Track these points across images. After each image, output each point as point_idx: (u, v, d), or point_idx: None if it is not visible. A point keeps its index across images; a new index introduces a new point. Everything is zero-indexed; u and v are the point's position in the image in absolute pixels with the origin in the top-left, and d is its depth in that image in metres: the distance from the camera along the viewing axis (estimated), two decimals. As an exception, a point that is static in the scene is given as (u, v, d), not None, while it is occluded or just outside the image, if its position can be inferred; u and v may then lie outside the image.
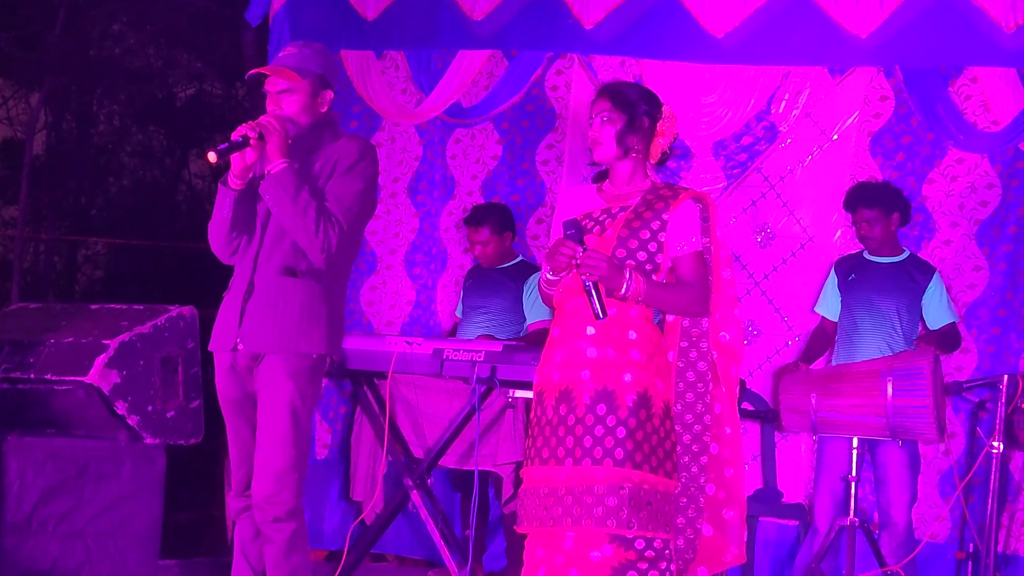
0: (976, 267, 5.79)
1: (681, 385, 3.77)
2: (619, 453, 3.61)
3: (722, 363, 3.79)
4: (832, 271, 5.65)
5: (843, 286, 5.57)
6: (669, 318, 3.82)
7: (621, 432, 3.62)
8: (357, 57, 6.69)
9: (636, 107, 3.81)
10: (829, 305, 5.64)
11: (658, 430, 3.66)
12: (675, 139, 3.90)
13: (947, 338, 5.43)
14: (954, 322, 5.49)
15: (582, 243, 3.69)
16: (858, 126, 5.99)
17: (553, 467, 3.70)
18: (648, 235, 3.75)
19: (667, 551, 3.65)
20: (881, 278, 5.49)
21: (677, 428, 3.74)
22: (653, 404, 3.66)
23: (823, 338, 5.68)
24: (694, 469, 3.75)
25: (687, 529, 3.73)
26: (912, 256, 5.57)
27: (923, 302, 5.46)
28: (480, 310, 6.09)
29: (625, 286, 3.66)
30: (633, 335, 3.71)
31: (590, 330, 3.73)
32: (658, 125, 3.84)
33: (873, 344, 5.43)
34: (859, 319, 5.50)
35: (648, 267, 3.74)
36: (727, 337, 3.81)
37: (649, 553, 3.62)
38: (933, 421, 4.93)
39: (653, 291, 3.70)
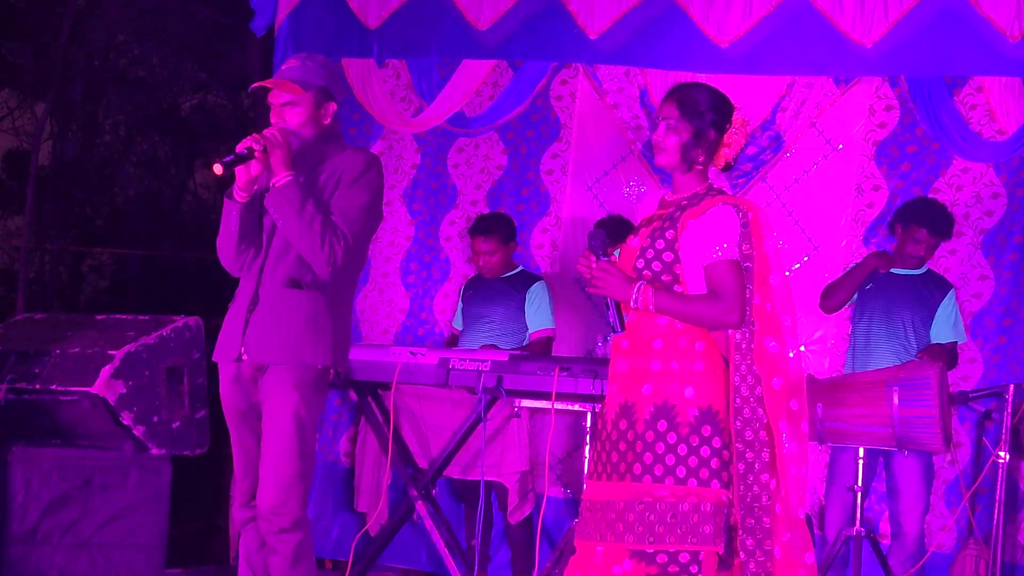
0: (981, 276, 5.79)
1: (738, 400, 3.59)
2: (637, 468, 3.57)
3: (764, 374, 3.61)
4: None
5: (859, 293, 5.57)
6: (730, 332, 3.65)
7: (639, 447, 3.57)
8: (358, 65, 6.70)
9: (704, 117, 3.69)
10: None
11: (687, 439, 3.54)
12: (745, 146, 3.76)
13: (946, 355, 5.42)
14: (956, 342, 5.49)
15: (606, 254, 3.66)
16: (863, 136, 5.99)
17: (593, 482, 3.72)
18: (663, 245, 3.66)
19: (693, 565, 3.53)
20: (899, 290, 5.49)
21: (738, 446, 3.57)
22: (677, 414, 3.56)
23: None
24: (756, 488, 3.57)
25: (756, 552, 3.56)
26: (930, 271, 5.56)
27: (935, 316, 5.46)
28: (483, 320, 6.08)
29: (633, 298, 3.62)
30: (658, 344, 3.63)
31: (624, 344, 3.70)
32: (726, 136, 3.72)
33: (886, 354, 5.43)
34: (874, 328, 5.50)
35: (665, 277, 3.64)
36: (773, 347, 3.62)
37: (672, 568, 3.53)
38: (939, 431, 4.92)
39: (662, 301, 3.60)
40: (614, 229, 5.62)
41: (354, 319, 6.65)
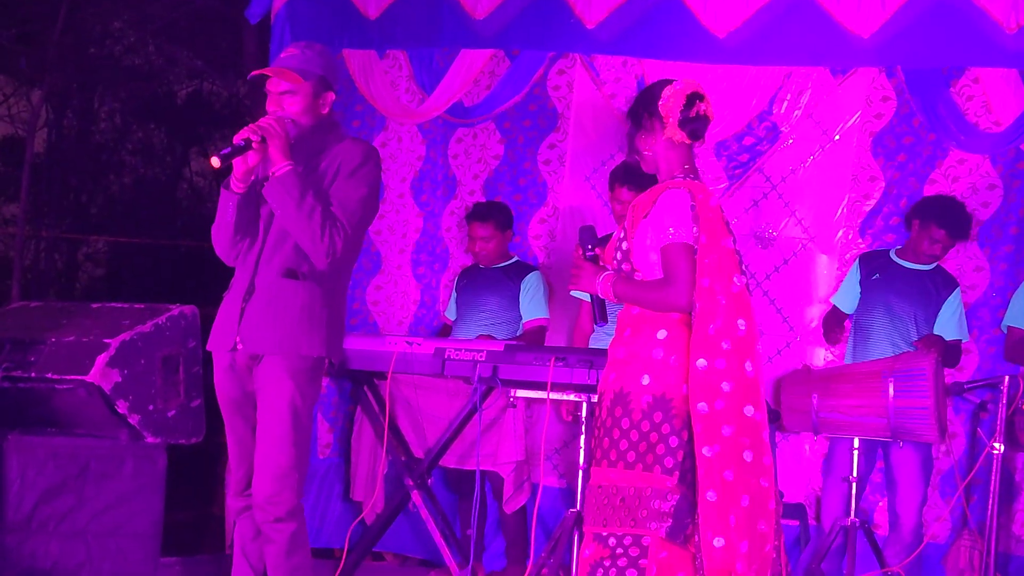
0: (977, 268, 5.79)
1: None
2: (598, 453, 3.71)
3: (692, 353, 3.60)
4: (856, 265, 5.65)
5: (864, 283, 5.57)
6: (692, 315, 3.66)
7: (601, 432, 3.72)
8: (359, 56, 6.67)
9: (636, 110, 3.83)
10: (846, 298, 5.64)
11: (638, 425, 3.62)
12: (693, 103, 3.71)
13: (949, 352, 5.42)
14: (960, 340, 5.50)
15: (593, 249, 3.81)
16: (860, 126, 5.99)
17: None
18: (623, 235, 3.79)
19: (635, 548, 3.62)
20: (905, 283, 5.50)
21: (697, 427, 3.56)
22: (631, 400, 3.64)
23: (837, 321, 5.68)
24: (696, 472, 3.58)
25: (694, 536, 3.59)
26: (939, 267, 5.57)
27: (939, 313, 5.47)
28: (478, 309, 6.08)
29: (598, 289, 3.77)
30: (627, 333, 3.75)
31: (612, 333, 3.84)
32: (659, 107, 3.75)
33: (887, 346, 5.44)
34: (876, 320, 5.50)
35: (625, 266, 3.77)
36: (712, 328, 3.60)
37: (619, 550, 3.66)
38: (934, 422, 4.94)
39: (620, 289, 3.74)
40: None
41: (368, 311, 6.66)
